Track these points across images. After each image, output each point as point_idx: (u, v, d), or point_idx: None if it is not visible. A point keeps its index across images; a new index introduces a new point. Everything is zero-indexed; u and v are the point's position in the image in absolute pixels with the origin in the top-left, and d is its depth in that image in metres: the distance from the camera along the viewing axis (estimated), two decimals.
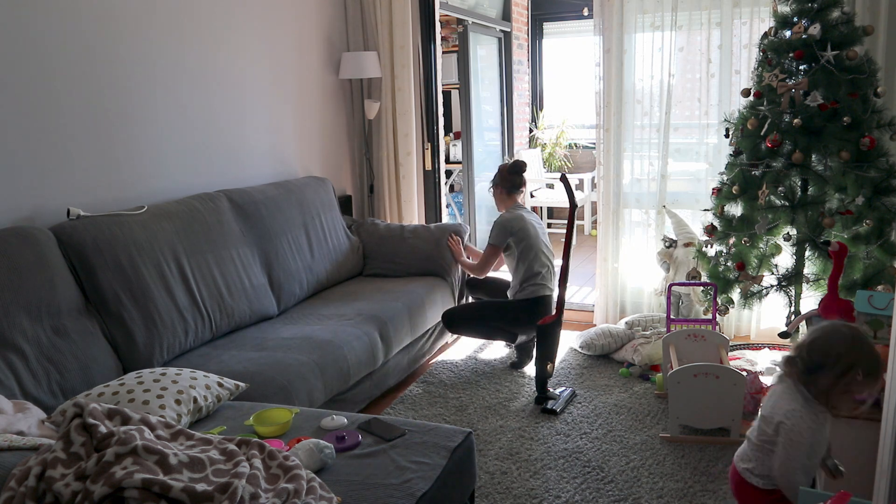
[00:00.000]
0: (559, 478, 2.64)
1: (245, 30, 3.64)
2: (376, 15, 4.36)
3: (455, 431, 2.10)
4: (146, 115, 3.10)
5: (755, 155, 3.13)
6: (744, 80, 3.84)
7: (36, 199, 2.66)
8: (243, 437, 1.82)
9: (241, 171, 3.67)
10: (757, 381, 3.06)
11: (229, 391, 2.31)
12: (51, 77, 2.68)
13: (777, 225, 3.10)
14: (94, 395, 2.12)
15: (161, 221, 2.86)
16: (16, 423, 1.87)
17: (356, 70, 4.24)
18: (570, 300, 4.96)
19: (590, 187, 7.23)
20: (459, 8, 5.93)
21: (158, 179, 3.18)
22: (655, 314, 3.94)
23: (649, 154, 4.15)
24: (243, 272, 3.15)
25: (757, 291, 3.27)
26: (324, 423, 2.13)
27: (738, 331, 4.10)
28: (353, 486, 1.80)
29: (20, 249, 2.35)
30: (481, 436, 2.98)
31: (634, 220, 4.30)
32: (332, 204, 4.00)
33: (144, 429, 1.69)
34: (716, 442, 2.85)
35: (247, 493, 1.55)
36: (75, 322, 2.45)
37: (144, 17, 3.06)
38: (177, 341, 2.74)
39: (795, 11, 3.05)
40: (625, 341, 3.76)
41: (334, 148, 4.46)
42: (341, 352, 2.87)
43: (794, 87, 2.97)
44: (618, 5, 4.00)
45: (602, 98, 4.12)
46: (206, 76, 3.41)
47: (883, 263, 2.90)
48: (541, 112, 7.83)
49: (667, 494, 2.51)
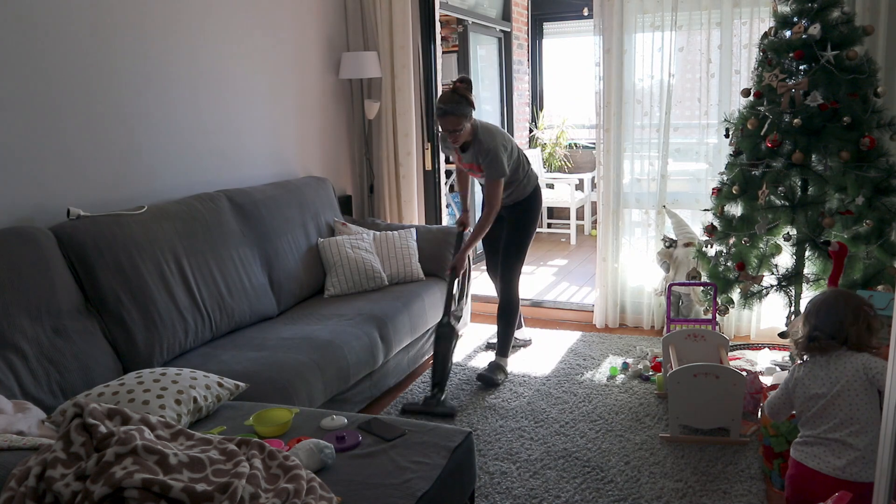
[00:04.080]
0: (559, 478, 2.64)
1: (245, 30, 3.64)
2: (376, 15, 4.36)
3: (455, 431, 2.10)
4: (146, 116, 3.09)
5: (755, 155, 3.13)
6: (744, 80, 3.84)
7: (36, 199, 2.66)
8: (243, 437, 1.82)
9: (241, 171, 3.67)
10: (757, 381, 3.06)
11: (229, 391, 2.31)
12: (51, 77, 2.68)
13: (777, 225, 3.10)
14: (94, 395, 2.12)
15: (161, 221, 2.86)
16: (16, 423, 1.87)
17: (356, 70, 4.24)
18: (569, 300, 4.97)
19: (590, 187, 7.24)
20: (459, 8, 5.93)
21: (158, 179, 3.18)
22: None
23: (649, 154, 4.15)
24: (243, 272, 3.15)
25: (757, 291, 3.27)
26: (324, 423, 2.13)
27: (738, 331, 4.10)
28: (353, 486, 1.80)
29: (20, 249, 2.35)
30: (481, 436, 2.98)
31: (634, 220, 4.30)
32: (332, 204, 4.00)
33: (144, 429, 1.69)
34: (716, 442, 2.85)
35: (247, 493, 1.55)
36: (75, 322, 2.45)
37: (144, 18, 3.06)
38: (177, 341, 2.74)
39: (795, 11, 3.05)
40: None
41: (334, 148, 4.46)
42: (341, 352, 2.87)
43: (794, 87, 2.97)
44: (618, 5, 4.00)
45: (602, 98, 4.12)
46: (206, 76, 3.41)
47: (883, 263, 2.90)
48: (541, 112, 7.82)
49: (667, 494, 2.51)
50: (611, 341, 4.08)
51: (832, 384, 1.97)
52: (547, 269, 5.95)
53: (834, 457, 1.93)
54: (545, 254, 6.59)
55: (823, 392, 1.98)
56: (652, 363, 3.58)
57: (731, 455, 2.76)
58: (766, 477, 2.59)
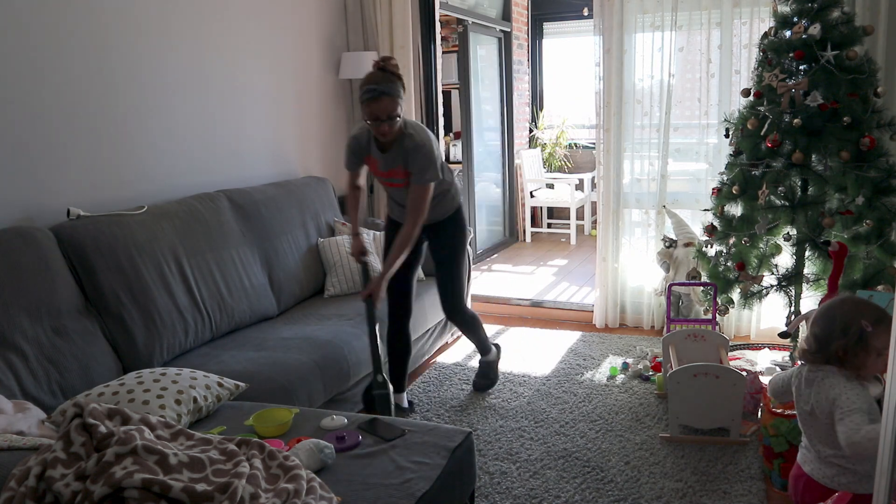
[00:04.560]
0: (559, 478, 2.64)
1: (245, 30, 3.64)
2: (376, 15, 4.36)
3: (455, 431, 2.10)
4: (146, 116, 3.09)
5: (755, 155, 3.13)
6: (744, 80, 3.84)
7: (36, 199, 2.66)
8: (243, 437, 1.82)
9: (241, 171, 3.67)
10: (757, 381, 3.06)
11: (229, 391, 2.31)
12: (51, 77, 2.68)
13: (777, 225, 3.10)
14: (94, 395, 2.12)
15: (161, 221, 2.86)
16: (16, 423, 1.87)
17: (356, 70, 4.24)
18: (569, 300, 4.97)
19: (590, 187, 7.24)
20: (459, 8, 5.93)
21: (158, 179, 3.18)
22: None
23: (649, 154, 4.15)
24: (243, 272, 3.15)
25: (757, 291, 3.27)
26: (324, 423, 2.13)
27: (738, 331, 4.10)
28: (353, 486, 1.80)
29: (20, 249, 2.35)
30: (481, 436, 2.98)
31: (634, 220, 4.30)
32: (332, 204, 4.00)
33: (144, 429, 1.69)
34: (716, 442, 2.85)
35: (247, 493, 1.55)
36: (75, 322, 2.45)
37: (144, 18, 3.06)
38: (177, 341, 2.74)
39: (795, 11, 3.05)
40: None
41: (334, 148, 4.46)
42: (341, 352, 2.87)
43: (794, 87, 2.97)
44: (618, 5, 4.00)
45: (602, 98, 4.12)
46: (207, 76, 3.41)
47: (883, 263, 2.90)
48: (541, 112, 7.82)
49: (667, 494, 2.51)
50: (611, 341, 4.08)
51: (810, 401, 1.85)
52: (547, 269, 5.95)
53: (826, 466, 1.88)
54: (545, 254, 6.59)
55: (803, 406, 1.88)
56: (652, 363, 3.58)
57: (731, 455, 2.76)
58: (766, 477, 2.59)
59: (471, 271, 4.14)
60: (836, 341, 1.77)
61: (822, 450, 1.85)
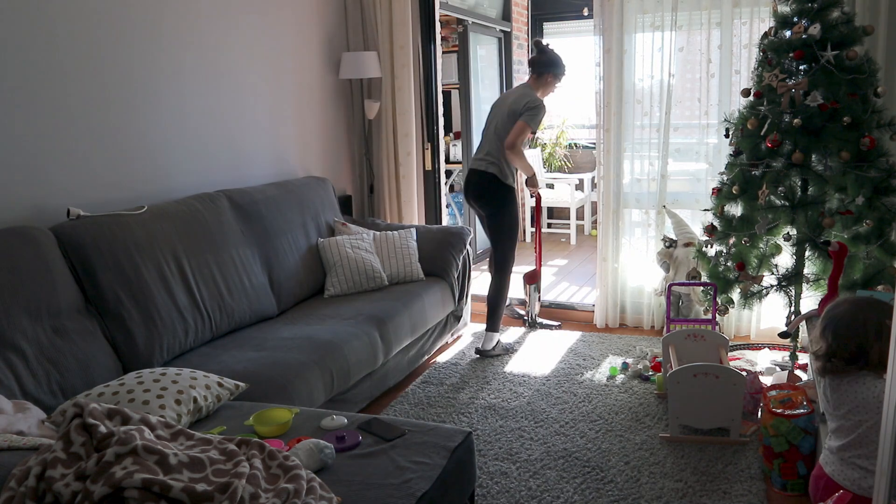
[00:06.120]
0: (559, 478, 2.64)
1: (245, 30, 3.64)
2: (376, 15, 4.36)
3: (455, 431, 2.10)
4: (146, 115, 3.10)
5: (755, 155, 3.13)
6: (744, 80, 3.84)
7: (36, 199, 2.66)
8: (243, 437, 1.82)
9: (241, 171, 3.67)
10: (757, 381, 3.07)
11: (229, 391, 2.31)
12: (51, 77, 2.68)
13: (777, 225, 3.10)
14: (94, 395, 2.12)
15: (161, 221, 2.86)
16: (16, 423, 1.87)
17: (356, 70, 4.24)
18: (569, 300, 4.96)
19: (590, 187, 7.23)
20: (459, 8, 5.93)
21: (158, 179, 3.18)
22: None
23: (649, 154, 4.15)
24: (243, 272, 3.15)
25: (757, 291, 3.27)
26: (324, 423, 2.13)
27: (738, 331, 4.10)
28: (353, 486, 1.80)
29: (20, 249, 2.35)
30: (481, 436, 2.98)
31: (634, 220, 4.30)
32: (332, 204, 4.00)
33: (144, 429, 1.69)
34: (716, 442, 2.85)
35: (247, 493, 1.56)
36: (75, 322, 2.45)
37: (144, 18, 3.06)
38: (177, 341, 2.74)
39: (795, 11, 3.05)
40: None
41: (334, 148, 4.46)
42: (341, 352, 2.87)
43: (794, 87, 2.97)
44: (618, 5, 4.00)
45: (602, 98, 4.12)
46: (207, 76, 3.41)
47: (883, 263, 2.90)
48: None
49: (667, 494, 2.51)
50: (611, 341, 4.08)
51: (846, 407, 1.85)
52: (547, 269, 5.95)
53: (849, 468, 1.89)
54: (545, 254, 6.59)
55: (835, 412, 1.89)
56: (652, 363, 3.58)
57: (731, 455, 2.76)
58: (766, 477, 2.59)
59: (470, 271, 4.16)
60: (873, 346, 1.77)
61: (869, 450, 1.84)
